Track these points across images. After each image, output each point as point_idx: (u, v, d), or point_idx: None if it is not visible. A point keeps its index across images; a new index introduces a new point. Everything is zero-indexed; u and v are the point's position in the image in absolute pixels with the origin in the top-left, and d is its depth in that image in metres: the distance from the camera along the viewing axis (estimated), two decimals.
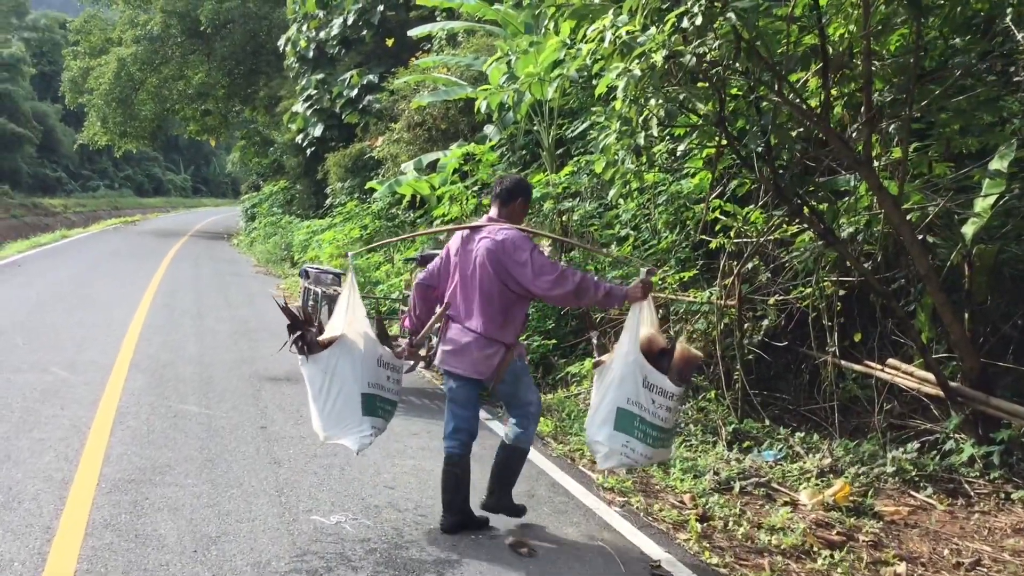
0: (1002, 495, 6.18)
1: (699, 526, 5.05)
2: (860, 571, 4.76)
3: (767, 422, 7.41)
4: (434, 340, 8.08)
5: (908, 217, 6.74)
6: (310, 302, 8.18)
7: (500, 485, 5.05)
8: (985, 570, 5.00)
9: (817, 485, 6.18)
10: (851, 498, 5.94)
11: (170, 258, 21.27)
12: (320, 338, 4.77)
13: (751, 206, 8.12)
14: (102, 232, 32.96)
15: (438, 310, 4.90)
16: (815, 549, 4.95)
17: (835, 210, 7.30)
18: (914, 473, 6.44)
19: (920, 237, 6.85)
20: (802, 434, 7.13)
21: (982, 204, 6.90)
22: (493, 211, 4.95)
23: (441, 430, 4.99)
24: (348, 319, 4.78)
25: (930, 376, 6.90)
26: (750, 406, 7.74)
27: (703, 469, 6.33)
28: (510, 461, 5.01)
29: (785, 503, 5.90)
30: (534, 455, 6.15)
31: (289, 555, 4.26)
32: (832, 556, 4.84)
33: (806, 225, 7.52)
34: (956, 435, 6.67)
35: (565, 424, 7.32)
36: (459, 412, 4.88)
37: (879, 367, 7.39)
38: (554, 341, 9.42)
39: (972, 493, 6.26)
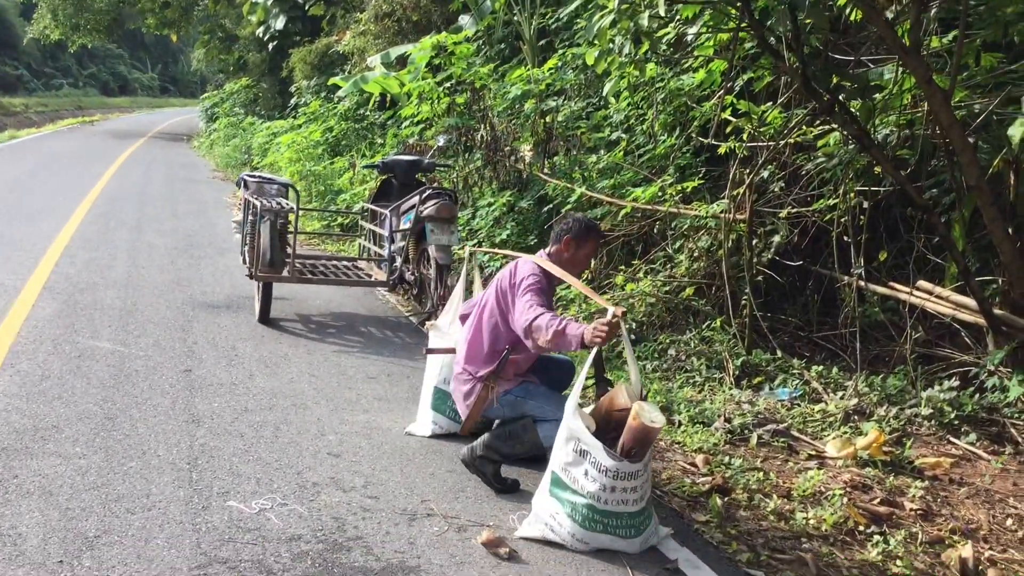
0: None
1: (720, 502, 4.06)
2: (918, 556, 3.82)
3: (778, 353, 6.52)
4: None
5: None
6: (250, 218, 6.97)
7: (490, 447, 4.13)
8: None
9: (845, 433, 5.29)
10: (884, 448, 5.06)
11: (121, 161, 19.73)
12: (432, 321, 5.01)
13: (767, 104, 6.99)
14: (56, 132, 30.99)
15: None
16: (860, 528, 3.99)
17: (870, 108, 6.19)
18: (953, 416, 5.55)
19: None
20: (819, 367, 6.25)
21: None
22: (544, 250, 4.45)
23: (404, 371, 5.00)
24: (452, 309, 4.79)
25: (968, 301, 6.14)
26: (758, 334, 6.82)
27: (712, 415, 5.41)
28: (518, 435, 4.14)
29: (811, 456, 5.02)
30: None
31: (188, 565, 3.16)
32: (884, 538, 3.88)
33: (834, 126, 6.48)
34: (1000, 370, 5.78)
35: None
36: None
37: (907, 290, 6.57)
38: None
39: (1020, 439, 5.39)
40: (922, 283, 6.48)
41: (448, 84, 10.92)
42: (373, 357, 6.12)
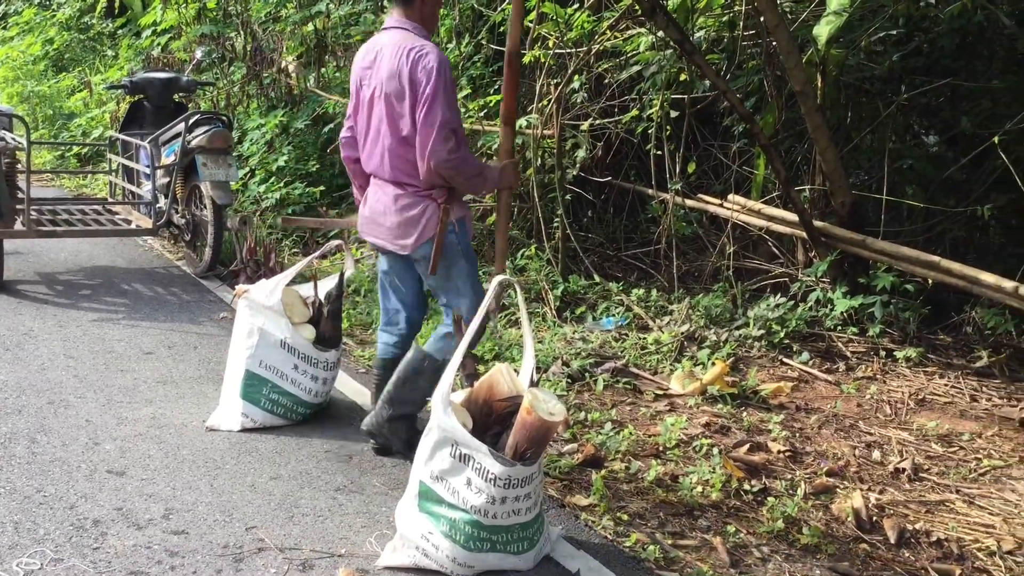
0: (883, 354, 5.29)
1: (600, 479, 3.50)
2: (811, 513, 3.47)
3: (595, 277, 6.19)
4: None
5: None
6: None
7: (396, 402, 3.51)
8: (933, 478, 3.93)
9: (684, 367, 5.00)
10: (727, 379, 4.81)
11: None
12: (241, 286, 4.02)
13: (574, 7, 6.42)
14: None
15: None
16: (744, 488, 3.60)
17: (688, 9, 5.74)
18: (782, 335, 5.42)
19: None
20: (639, 291, 5.97)
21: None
22: (394, 16, 3.45)
23: (188, 340, 4.31)
24: (279, 279, 3.94)
25: (783, 213, 6.12)
26: (570, 258, 6.43)
27: (546, 358, 4.94)
28: (417, 371, 3.50)
29: (658, 397, 4.65)
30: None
31: None
32: (778, 500, 3.51)
33: (643, 31, 6.07)
34: (822, 282, 5.72)
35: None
36: (385, 299, 3.78)
37: (717, 202, 6.43)
38: (321, 188, 7.40)
39: (849, 354, 5.33)
40: (734, 196, 6.34)
41: None
42: (145, 325, 5.03)
